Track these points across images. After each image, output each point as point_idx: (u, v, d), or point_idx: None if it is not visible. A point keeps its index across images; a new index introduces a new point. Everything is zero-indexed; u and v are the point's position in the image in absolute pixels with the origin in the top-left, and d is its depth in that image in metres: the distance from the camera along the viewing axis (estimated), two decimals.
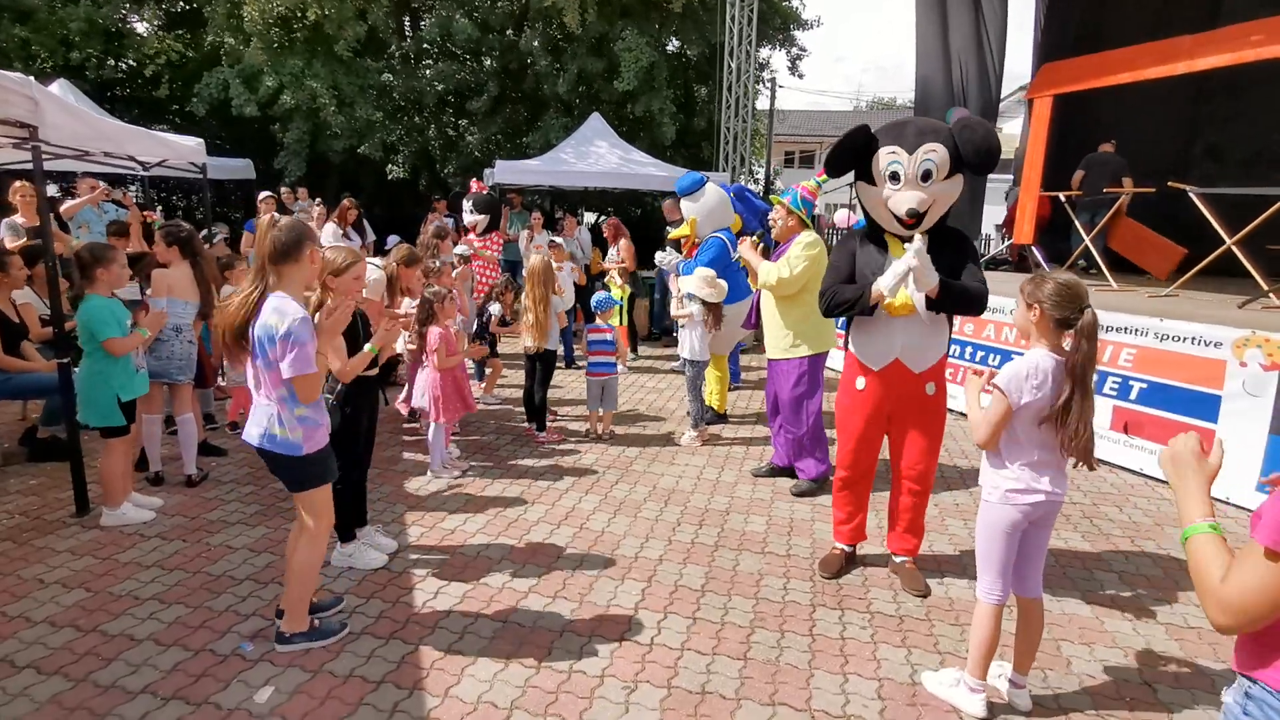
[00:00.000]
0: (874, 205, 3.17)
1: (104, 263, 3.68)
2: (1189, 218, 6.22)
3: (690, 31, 14.61)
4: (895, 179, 3.03)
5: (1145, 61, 6.88)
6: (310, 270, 2.69)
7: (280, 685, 2.53)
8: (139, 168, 6.52)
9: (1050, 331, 2.37)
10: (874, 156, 3.08)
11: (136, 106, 14.79)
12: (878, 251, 3.22)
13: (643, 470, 4.84)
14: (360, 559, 3.39)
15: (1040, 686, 2.68)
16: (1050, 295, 2.33)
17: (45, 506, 3.97)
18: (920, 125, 3.08)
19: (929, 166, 2.98)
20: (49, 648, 2.71)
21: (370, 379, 3.40)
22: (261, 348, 2.52)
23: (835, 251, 3.43)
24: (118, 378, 3.66)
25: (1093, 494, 4.62)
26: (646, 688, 2.60)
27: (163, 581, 3.21)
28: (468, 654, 2.76)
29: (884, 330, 3.19)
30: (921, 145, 2.98)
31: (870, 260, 3.22)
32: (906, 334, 3.15)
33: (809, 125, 35.21)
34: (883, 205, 3.10)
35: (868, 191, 3.17)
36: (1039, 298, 2.36)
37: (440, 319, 4.54)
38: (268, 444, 2.60)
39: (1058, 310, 2.32)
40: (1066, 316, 2.31)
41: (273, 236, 2.54)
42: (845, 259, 3.31)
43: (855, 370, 3.35)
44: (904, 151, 3.00)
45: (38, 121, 3.59)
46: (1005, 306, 5.66)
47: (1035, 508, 2.38)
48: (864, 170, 3.16)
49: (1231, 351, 4.46)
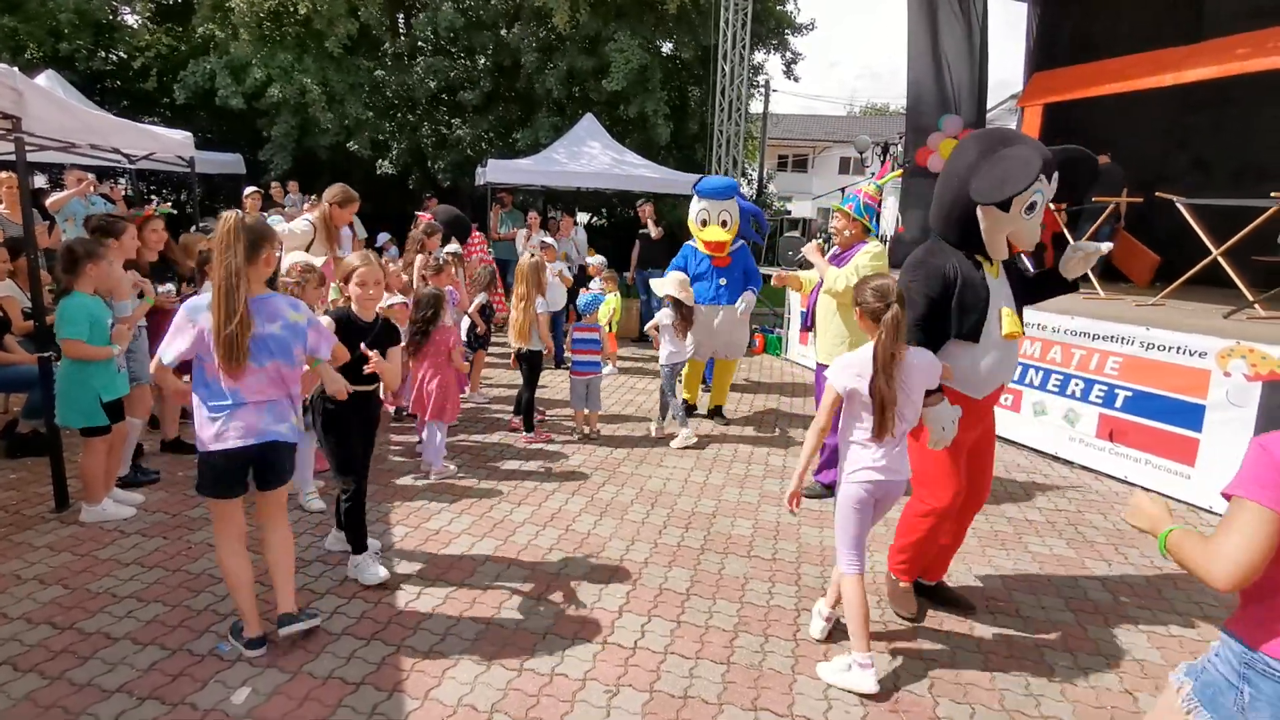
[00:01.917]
0: (996, 231, 2.88)
1: (95, 258, 3.56)
2: (1173, 226, 6.27)
3: (684, 34, 14.62)
4: (1032, 209, 2.82)
5: (1134, 72, 6.95)
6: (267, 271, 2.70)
7: (258, 686, 2.50)
8: (125, 160, 6.47)
9: (870, 326, 2.69)
10: None
11: (126, 98, 14.67)
12: (980, 279, 2.90)
13: (630, 472, 4.84)
14: (365, 571, 3.24)
15: (1022, 693, 2.69)
16: (867, 296, 2.68)
17: (24, 501, 3.92)
18: (1046, 154, 2.80)
19: (1037, 199, 2.83)
20: (24, 644, 2.67)
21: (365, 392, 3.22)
22: (285, 345, 2.60)
23: (927, 276, 2.93)
24: (99, 377, 3.59)
25: (1077, 501, 4.64)
26: (629, 691, 2.59)
27: (141, 579, 3.17)
28: (449, 656, 2.74)
29: (999, 353, 2.94)
30: (1052, 176, 2.82)
31: (974, 288, 2.87)
32: (1012, 354, 3.02)
33: (802, 129, 35.32)
34: (1005, 234, 2.87)
35: (996, 217, 2.84)
36: (859, 299, 2.72)
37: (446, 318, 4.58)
38: (283, 437, 2.67)
39: (870, 308, 2.66)
40: (876, 311, 2.63)
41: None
42: (941, 287, 2.88)
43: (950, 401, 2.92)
44: (1046, 182, 2.78)
45: (21, 113, 3.55)
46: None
47: (877, 486, 2.71)
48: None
49: (1215, 361, 4.49)
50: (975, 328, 2.87)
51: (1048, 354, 5.51)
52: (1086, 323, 5.28)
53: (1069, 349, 5.38)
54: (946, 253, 2.97)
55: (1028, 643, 3.03)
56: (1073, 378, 5.34)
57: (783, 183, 33.13)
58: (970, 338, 2.88)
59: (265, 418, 2.60)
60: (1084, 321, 5.29)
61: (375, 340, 3.15)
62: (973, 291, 2.87)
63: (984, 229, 2.89)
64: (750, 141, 17.77)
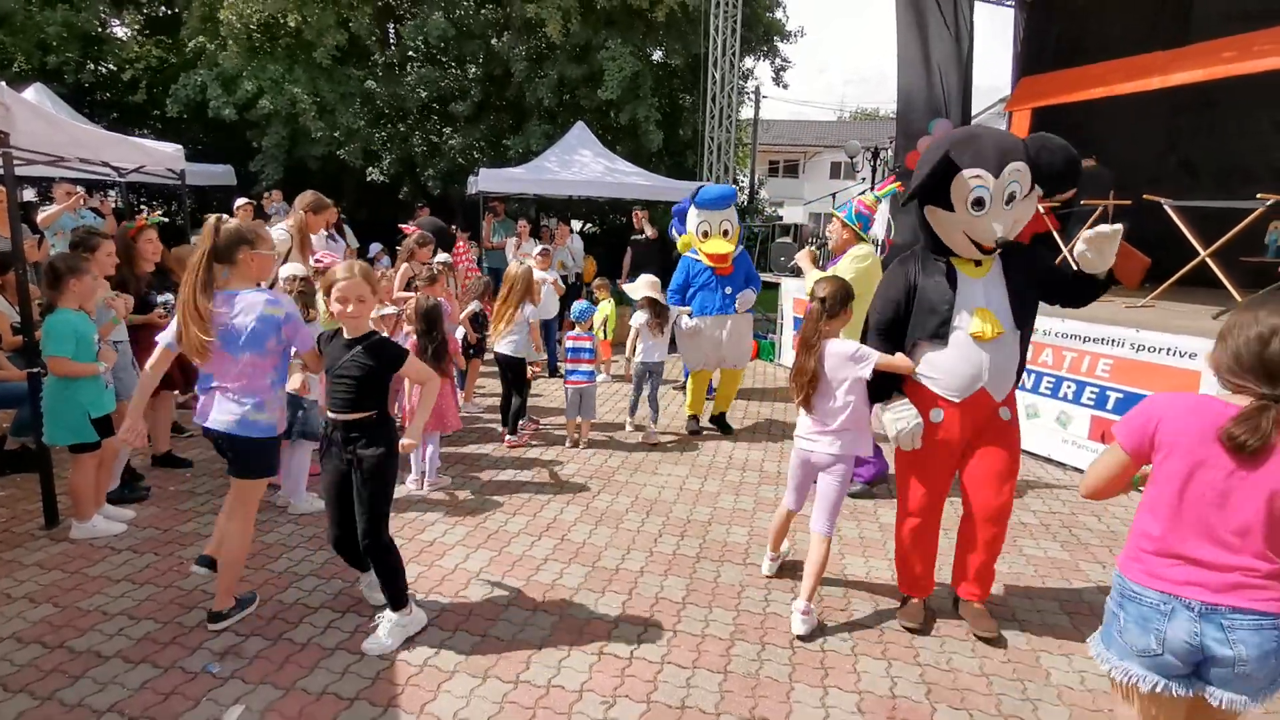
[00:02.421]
0: (948, 231, 2.90)
1: (78, 274, 3.55)
2: (1161, 228, 6.32)
3: (674, 41, 14.69)
4: (980, 205, 2.77)
5: (1121, 76, 7.02)
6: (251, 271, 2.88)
7: (251, 703, 2.48)
8: (116, 174, 6.44)
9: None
10: (953, 180, 2.79)
11: (115, 111, 14.62)
12: (944, 279, 2.92)
13: (625, 481, 4.82)
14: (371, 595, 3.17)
15: (1019, 698, 2.69)
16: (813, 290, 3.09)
17: (14, 518, 3.89)
18: (1000, 143, 2.81)
19: (1014, 189, 2.77)
20: (14, 664, 2.64)
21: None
22: (258, 337, 2.73)
23: (889, 279, 3.08)
24: (86, 393, 3.57)
25: (1071, 503, 4.65)
26: (625, 702, 2.58)
27: (132, 596, 3.14)
28: (444, 669, 2.72)
29: (971, 355, 2.88)
30: (1006, 167, 2.75)
31: (939, 292, 2.91)
32: (996, 356, 2.88)
33: (792, 135, 35.51)
34: (960, 232, 2.86)
35: (941, 216, 2.89)
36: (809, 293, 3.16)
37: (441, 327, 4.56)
38: (246, 430, 2.75)
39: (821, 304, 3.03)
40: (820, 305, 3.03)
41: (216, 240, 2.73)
42: (901, 290, 2.98)
43: (926, 403, 2.98)
44: (989, 175, 2.74)
45: (8, 127, 3.52)
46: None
47: (799, 452, 3.19)
48: (936, 194, 2.85)
49: (1205, 362, 4.51)
50: (939, 329, 2.89)
51: (1039, 357, 5.53)
52: (1077, 325, 5.30)
53: (1060, 351, 5.40)
54: (916, 256, 3.05)
55: (1024, 646, 3.03)
56: (1064, 380, 5.36)
57: (774, 188, 33.20)
58: (937, 338, 2.90)
59: (232, 405, 2.78)
60: (1075, 324, 5.32)
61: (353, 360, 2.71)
62: (936, 293, 2.91)
63: (936, 229, 2.95)
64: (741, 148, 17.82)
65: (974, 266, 2.95)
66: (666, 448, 5.55)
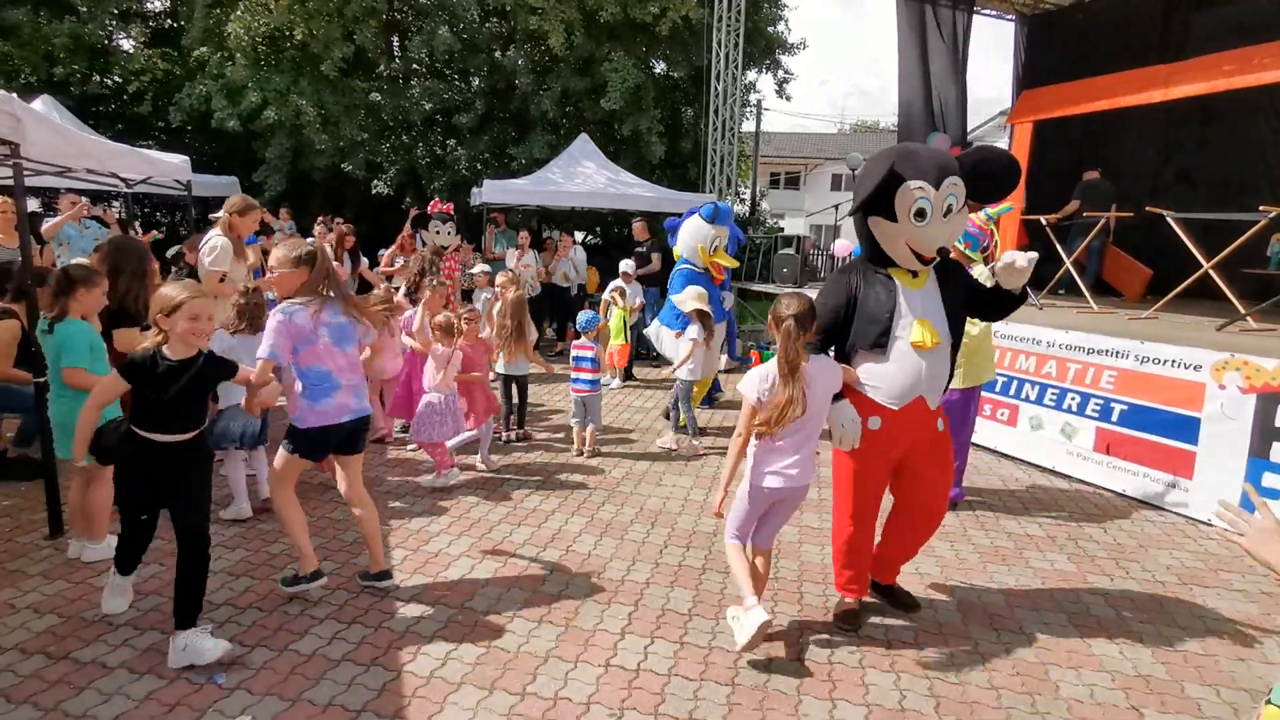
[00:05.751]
0: (891, 241, 2.97)
1: (89, 284, 3.52)
2: (1163, 240, 6.35)
3: (677, 54, 14.79)
4: (922, 215, 2.86)
5: (1122, 89, 7.07)
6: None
7: (257, 715, 2.47)
8: (123, 185, 6.48)
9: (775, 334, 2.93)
10: (897, 192, 2.87)
11: (120, 122, 14.72)
12: (884, 290, 3.00)
13: (629, 491, 4.82)
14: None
15: (1028, 710, 2.68)
16: (779, 309, 2.88)
17: (18, 528, 3.88)
18: (937, 158, 2.93)
19: (952, 201, 2.88)
20: (19, 675, 2.63)
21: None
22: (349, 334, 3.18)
23: (830, 288, 3.19)
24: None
25: (1077, 515, 4.64)
26: (633, 715, 2.56)
27: (137, 606, 3.13)
28: (451, 681, 2.71)
29: (910, 363, 2.95)
30: (945, 180, 2.85)
31: (878, 300, 2.99)
32: (933, 365, 2.98)
33: (793, 147, 35.68)
34: (902, 242, 2.94)
35: (885, 227, 2.96)
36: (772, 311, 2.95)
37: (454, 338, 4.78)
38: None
39: (776, 318, 2.89)
40: (779, 322, 2.85)
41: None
42: (843, 298, 3.05)
43: (865, 410, 3.04)
44: (930, 188, 2.84)
45: (19, 138, 3.55)
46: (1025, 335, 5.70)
47: (774, 491, 2.94)
48: (880, 204, 2.92)
49: (1210, 374, 4.52)
50: (879, 338, 2.97)
51: (1043, 368, 5.54)
52: (1081, 337, 5.31)
53: (1064, 363, 5.40)
54: (858, 267, 3.15)
55: (1032, 659, 3.02)
56: (1069, 392, 5.36)
57: (775, 200, 33.34)
58: (877, 347, 2.98)
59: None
60: (1079, 336, 5.32)
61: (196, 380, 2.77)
62: (876, 303, 3.00)
63: (879, 240, 3.02)
64: (743, 159, 17.91)
65: (911, 278, 3.04)
66: (670, 458, 5.55)
